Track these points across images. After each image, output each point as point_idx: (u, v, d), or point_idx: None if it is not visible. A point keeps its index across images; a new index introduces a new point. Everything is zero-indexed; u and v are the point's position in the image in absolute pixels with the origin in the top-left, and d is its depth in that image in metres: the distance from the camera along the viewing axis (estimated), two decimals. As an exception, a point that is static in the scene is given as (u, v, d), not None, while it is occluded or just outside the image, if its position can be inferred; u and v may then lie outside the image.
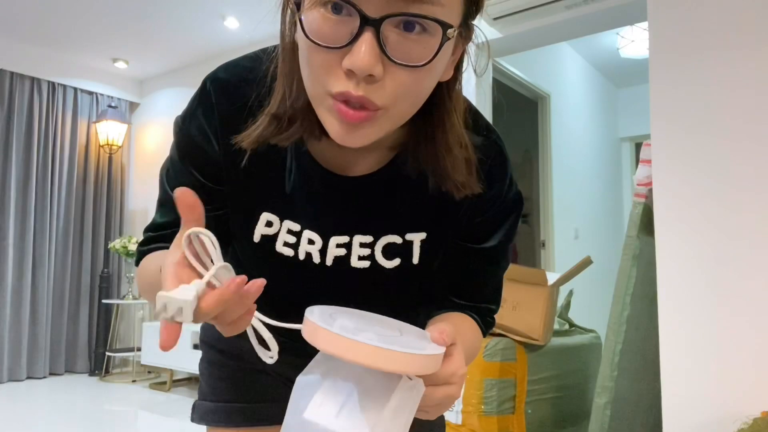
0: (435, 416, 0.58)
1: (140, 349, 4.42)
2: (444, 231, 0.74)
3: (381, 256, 0.72)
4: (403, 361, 0.49)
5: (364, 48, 0.50)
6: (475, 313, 0.78)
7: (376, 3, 0.50)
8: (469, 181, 0.66)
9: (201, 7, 3.85)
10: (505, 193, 0.73)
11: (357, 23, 0.50)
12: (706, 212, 2.02)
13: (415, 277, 0.75)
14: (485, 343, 2.24)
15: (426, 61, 0.52)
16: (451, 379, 0.55)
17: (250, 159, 0.67)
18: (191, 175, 0.70)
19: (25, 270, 4.50)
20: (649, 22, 2.21)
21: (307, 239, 0.72)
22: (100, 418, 3.59)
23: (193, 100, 0.70)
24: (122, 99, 5.21)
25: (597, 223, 5.07)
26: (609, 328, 2.16)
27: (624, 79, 5.62)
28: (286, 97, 0.61)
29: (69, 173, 4.84)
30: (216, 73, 0.69)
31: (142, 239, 0.75)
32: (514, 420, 2.24)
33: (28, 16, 4.04)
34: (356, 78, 0.51)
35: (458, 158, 0.64)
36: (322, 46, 0.52)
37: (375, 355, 0.48)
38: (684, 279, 2.05)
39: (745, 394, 1.89)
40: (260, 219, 0.72)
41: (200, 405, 0.89)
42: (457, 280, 0.77)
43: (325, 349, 0.49)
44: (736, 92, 2.01)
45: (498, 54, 3.59)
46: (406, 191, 0.71)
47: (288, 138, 0.63)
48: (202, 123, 0.69)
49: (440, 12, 0.51)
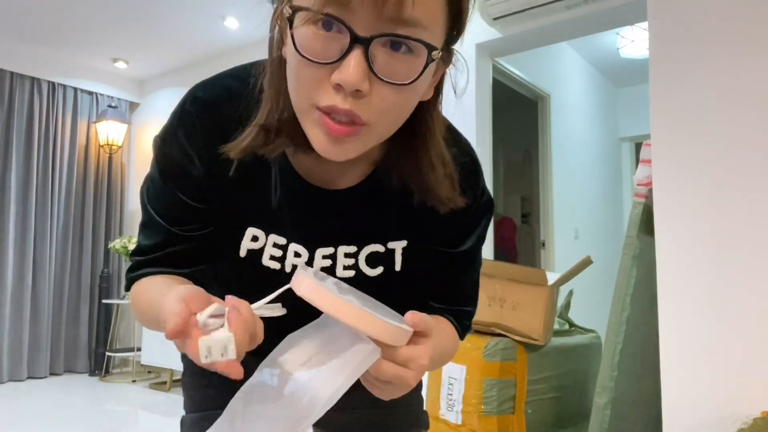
0: (385, 396, 0.61)
1: (140, 349, 4.42)
2: (423, 238, 0.76)
3: (365, 264, 0.75)
4: (366, 321, 0.53)
5: (353, 64, 0.52)
6: (452, 316, 0.80)
7: (365, 22, 0.52)
8: (453, 196, 0.69)
9: (201, 7, 3.85)
10: (478, 200, 0.76)
11: (347, 40, 0.52)
12: (706, 212, 2.02)
13: (397, 283, 0.77)
14: (485, 343, 2.24)
15: (411, 80, 0.55)
16: (409, 364, 0.57)
17: (236, 171, 0.68)
18: (174, 195, 0.70)
19: (26, 270, 4.50)
20: (649, 22, 2.21)
21: (293, 252, 0.73)
22: (100, 418, 3.59)
23: (172, 121, 0.70)
24: (122, 99, 5.21)
25: (597, 223, 5.07)
26: (609, 328, 2.16)
27: (624, 79, 5.62)
28: (273, 109, 0.62)
29: (69, 173, 4.84)
30: (194, 92, 0.70)
31: (131, 265, 0.74)
32: (514, 420, 2.24)
33: (29, 16, 4.04)
34: (344, 92, 0.53)
35: (441, 174, 0.67)
36: (312, 61, 0.54)
37: (344, 309, 0.53)
38: (684, 279, 2.05)
39: (745, 394, 1.89)
40: (246, 234, 0.73)
41: (188, 418, 0.88)
42: (434, 284, 0.80)
43: (303, 294, 0.55)
44: (737, 92, 2.01)
45: (498, 54, 3.59)
46: (387, 203, 0.73)
47: (275, 149, 0.65)
48: (183, 143, 0.69)
49: (425, 35, 0.54)
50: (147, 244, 0.73)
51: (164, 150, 0.70)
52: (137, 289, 0.72)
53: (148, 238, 0.73)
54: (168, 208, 0.71)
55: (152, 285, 0.70)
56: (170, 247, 0.72)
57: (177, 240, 0.72)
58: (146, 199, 0.73)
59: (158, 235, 0.72)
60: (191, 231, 0.72)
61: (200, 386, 0.89)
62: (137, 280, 0.73)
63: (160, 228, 0.71)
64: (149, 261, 0.72)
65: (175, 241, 0.72)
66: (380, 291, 0.76)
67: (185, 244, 0.72)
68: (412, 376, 0.57)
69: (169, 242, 0.72)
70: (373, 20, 0.52)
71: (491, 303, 2.32)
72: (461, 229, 0.77)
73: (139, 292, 0.72)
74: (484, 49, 3.47)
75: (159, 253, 0.72)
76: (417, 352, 0.57)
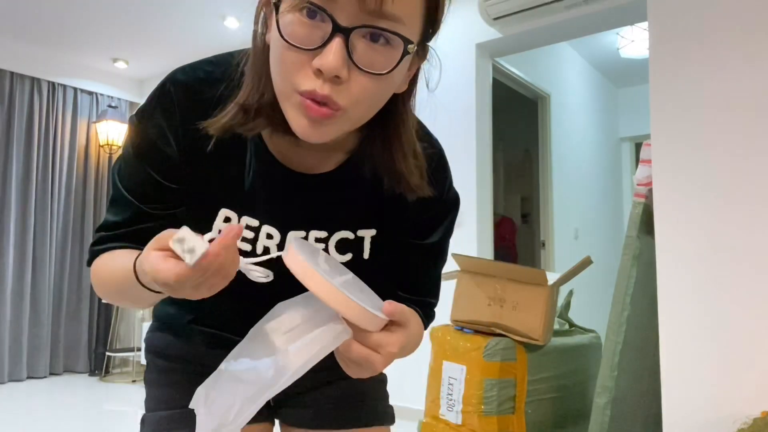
0: (353, 375, 0.64)
1: (140, 349, 4.42)
2: (392, 228, 0.80)
3: (334, 250, 0.78)
4: (338, 301, 0.56)
5: (334, 51, 0.55)
6: (418, 306, 0.82)
7: (347, 13, 0.55)
8: (421, 185, 0.72)
9: (201, 7, 3.85)
10: (445, 194, 0.80)
11: (329, 29, 0.55)
12: (706, 212, 2.02)
13: (365, 271, 0.78)
14: (485, 342, 2.24)
15: (387, 71, 0.58)
16: (379, 349, 0.60)
17: (213, 148, 0.69)
18: (146, 172, 0.71)
19: (26, 270, 4.50)
20: (649, 22, 2.21)
21: (265, 234, 0.75)
22: (100, 418, 3.60)
23: (151, 100, 0.71)
24: (122, 99, 5.21)
25: (597, 223, 5.07)
26: (609, 328, 2.16)
27: (624, 79, 5.62)
28: (254, 90, 0.65)
29: (69, 173, 4.84)
30: (174, 75, 0.71)
31: (95, 239, 0.75)
32: (514, 420, 2.24)
33: (29, 16, 4.04)
34: (323, 77, 0.56)
35: (412, 164, 0.70)
36: (295, 47, 0.57)
37: (322, 286, 0.56)
38: (684, 279, 2.05)
39: (745, 394, 1.89)
40: (219, 215, 0.74)
41: (151, 417, 0.86)
42: (400, 273, 0.83)
43: (289, 266, 0.58)
44: (737, 92, 2.01)
45: (498, 54, 3.59)
46: (359, 190, 0.76)
47: (253, 128, 0.66)
48: (160, 122, 0.70)
49: (403, 29, 0.57)
50: (114, 220, 0.73)
51: (140, 128, 0.71)
52: (99, 261, 0.73)
53: (116, 214, 0.73)
54: (139, 185, 0.72)
55: (117, 255, 0.71)
56: (137, 224, 0.72)
57: (145, 217, 0.72)
58: (117, 176, 0.74)
59: (126, 211, 0.72)
60: (160, 209, 0.73)
61: (161, 385, 0.89)
62: (99, 255, 0.73)
63: (129, 205, 0.72)
64: (115, 236, 0.73)
65: (143, 218, 0.72)
66: None
67: (152, 222, 0.72)
68: (380, 361, 0.60)
69: (137, 219, 0.72)
70: (355, 12, 0.55)
71: (491, 303, 2.32)
72: (429, 221, 0.80)
73: (101, 264, 0.72)
74: (484, 49, 3.47)
75: (125, 230, 0.72)
76: (389, 340, 0.60)
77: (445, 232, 0.83)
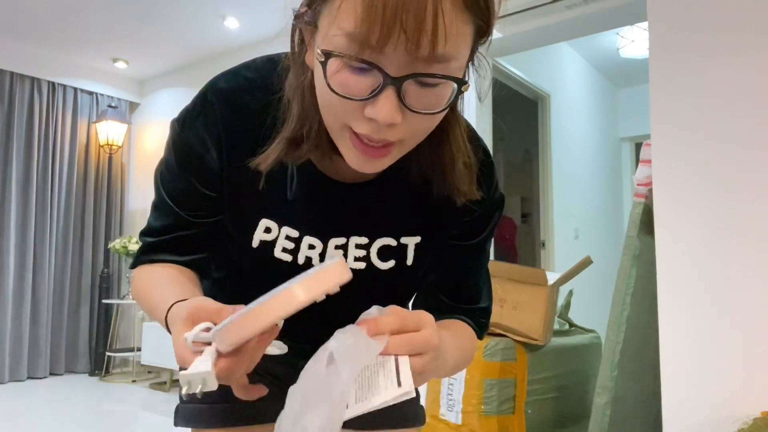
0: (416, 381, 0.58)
1: (140, 349, 4.42)
2: (437, 232, 0.78)
3: (376, 257, 0.76)
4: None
5: (387, 102, 0.53)
6: (467, 316, 0.81)
7: (398, 63, 0.52)
8: (471, 190, 0.70)
9: (201, 7, 3.85)
10: (492, 195, 0.78)
11: (380, 80, 0.53)
12: (706, 212, 2.02)
13: (409, 278, 0.78)
14: (485, 343, 2.24)
15: (441, 109, 0.57)
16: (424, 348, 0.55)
17: (255, 171, 0.69)
18: (188, 182, 0.72)
19: (26, 270, 4.50)
20: (649, 22, 2.21)
21: (307, 245, 0.74)
22: (100, 418, 3.60)
23: (193, 108, 0.71)
24: (122, 99, 5.21)
25: (597, 223, 5.07)
26: (609, 328, 2.16)
27: (624, 79, 5.62)
28: (301, 124, 0.64)
29: (69, 173, 4.84)
30: (217, 82, 0.70)
31: (141, 245, 0.76)
32: (514, 420, 2.24)
33: (29, 16, 4.04)
34: (377, 124, 0.55)
35: (461, 167, 0.68)
36: (345, 98, 0.55)
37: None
38: (684, 279, 2.04)
39: (745, 394, 1.89)
40: (259, 225, 0.73)
41: (183, 408, 0.89)
42: (446, 278, 0.81)
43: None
44: (737, 92, 2.00)
45: (498, 54, 3.59)
46: (403, 197, 0.75)
47: (301, 157, 0.66)
48: (202, 133, 0.70)
49: (455, 65, 0.55)
50: (156, 226, 0.75)
51: (182, 136, 0.71)
52: (140, 275, 0.75)
53: (158, 219, 0.75)
54: (180, 192, 0.73)
55: (156, 278, 0.72)
56: (178, 231, 0.73)
57: (185, 225, 0.73)
58: (159, 180, 0.74)
59: (167, 217, 0.73)
60: (201, 217, 0.74)
61: None
62: (142, 264, 0.75)
63: (171, 211, 0.73)
64: (156, 245, 0.74)
65: (183, 225, 0.73)
66: (391, 285, 0.78)
67: (193, 230, 0.73)
68: (429, 333, 0.55)
69: (178, 226, 0.73)
70: (406, 60, 0.52)
71: (491, 303, 2.32)
72: (474, 222, 0.78)
73: (141, 279, 0.74)
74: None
75: (166, 237, 0.74)
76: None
77: (489, 233, 0.81)
